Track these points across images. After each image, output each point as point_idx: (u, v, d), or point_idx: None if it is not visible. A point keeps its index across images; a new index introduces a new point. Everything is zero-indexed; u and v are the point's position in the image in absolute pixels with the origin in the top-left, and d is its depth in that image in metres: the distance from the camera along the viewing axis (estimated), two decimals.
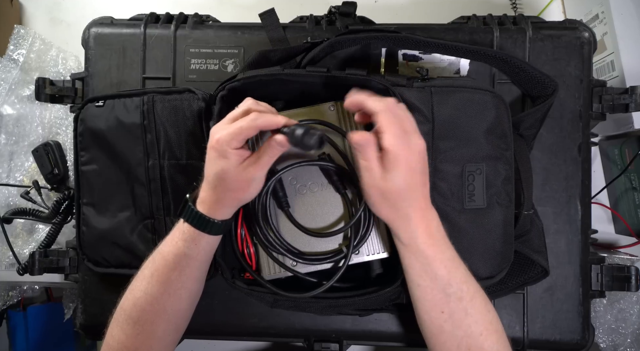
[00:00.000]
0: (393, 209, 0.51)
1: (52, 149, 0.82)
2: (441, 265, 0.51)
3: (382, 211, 0.52)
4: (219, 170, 0.51)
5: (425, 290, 0.52)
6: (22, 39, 0.89)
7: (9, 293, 0.88)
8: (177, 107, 0.63)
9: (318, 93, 0.62)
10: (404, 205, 0.51)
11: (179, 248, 0.54)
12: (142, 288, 0.55)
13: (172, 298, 0.55)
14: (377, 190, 0.50)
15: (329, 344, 0.68)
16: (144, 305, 0.55)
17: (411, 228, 0.51)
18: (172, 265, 0.55)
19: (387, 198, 0.50)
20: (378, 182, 0.50)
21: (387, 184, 0.49)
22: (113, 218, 0.66)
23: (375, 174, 0.50)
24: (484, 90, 0.57)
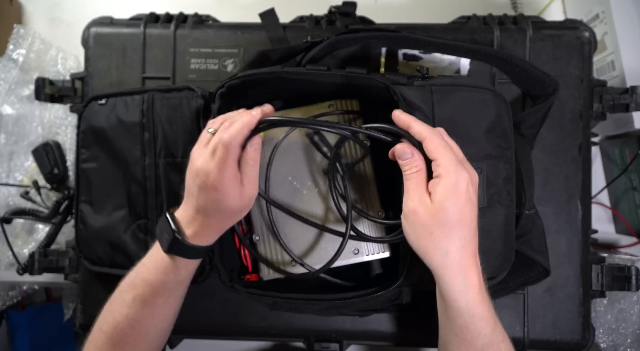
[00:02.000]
0: (439, 249, 0.44)
1: (51, 149, 0.82)
2: (487, 324, 0.46)
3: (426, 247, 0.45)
4: (214, 199, 0.49)
5: (462, 343, 0.47)
6: (21, 38, 0.89)
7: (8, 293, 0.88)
8: (176, 105, 0.63)
9: (318, 92, 0.62)
10: (453, 245, 0.44)
11: (168, 276, 0.52)
12: (124, 312, 0.53)
13: (157, 320, 0.54)
14: (421, 220, 0.44)
15: (329, 344, 0.68)
16: (126, 329, 0.53)
17: (462, 279, 0.45)
18: (159, 292, 0.53)
19: (432, 232, 0.44)
20: (423, 210, 0.44)
21: (435, 215, 0.44)
22: (108, 217, 0.65)
23: (422, 199, 0.45)
24: (485, 89, 0.57)
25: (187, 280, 0.55)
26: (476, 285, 0.46)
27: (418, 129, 0.46)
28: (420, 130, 0.46)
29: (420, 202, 0.44)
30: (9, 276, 0.82)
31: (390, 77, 0.58)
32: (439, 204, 0.44)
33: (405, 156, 0.46)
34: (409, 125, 0.47)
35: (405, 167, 0.47)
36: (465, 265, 0.45)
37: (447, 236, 0.44)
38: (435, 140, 0.45)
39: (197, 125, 0.61)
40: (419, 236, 0.45)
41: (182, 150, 0.62)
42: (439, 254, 0.45)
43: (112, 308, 0.54)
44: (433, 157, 0.45)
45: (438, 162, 0.45)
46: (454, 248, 0.44)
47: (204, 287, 0.62)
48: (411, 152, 0.46)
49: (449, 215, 0.44)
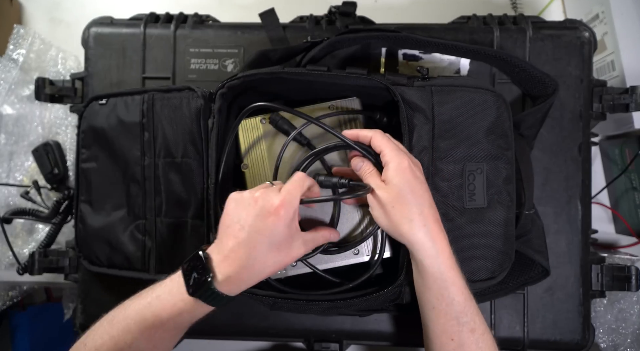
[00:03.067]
0: (404, 217, 0.50)
1: (51, 149, 0.82)
2: (459, 291, 0.51)
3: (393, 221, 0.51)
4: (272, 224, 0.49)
5: (439, 314, 0.51)
6: (21, 38, 0.89)
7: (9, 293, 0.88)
8: (176, 105, 0.63)
9: (318, 92, 0.62)
10: (414, 212, 0.50)
11: (183, 317, 0.50)
12: (127, 340, 0.49)
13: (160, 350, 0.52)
14: (383, 201, 0.51)
15: (329, 344, 0.68)
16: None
17: (432, 243, 0.50)
18: (169, 330, 0.50)
19: (394, 206, 0.51)
20: (382, 193, 0.51)
21: (391, 192, 0.51)
22: (107, 217, 0.65)
23: (379, 187, 0.52)
24: (485, 90, 0.57)
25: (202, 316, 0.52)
26: (446, 250, 0.51)
27: (364, 133, 0.54)
28: (365, 133, 0.54)
29: (378, 189, 0.52)
30: (9, 276, 0.82)
31: (391, 78, 0.59)
32: (391, 183, 0.51)
33: (358, 165, 0.55)
34: (355, 135, 0.55)
35: (361, 173, 0.55)
36: (431, 228, 0.51)
37: (406, 205, 0.50)
38: (378, 136, 0.53)
39: (197, 125, 0.61)
40: (385, 215, 0.52)
41: (182, 150, 0.62)
42: (406, 223, 0.50)
43: (113, 331, 0.50)
44: (379, 150, 0.53)
45: (383, 152, 0.52)
46: (415, 214, 0.50)
47: None
48: (362, 160, 0.55)
49: (402, 189, 0.51)
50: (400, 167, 0.51)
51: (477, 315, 0.51)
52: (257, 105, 0.57)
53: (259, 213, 0.49)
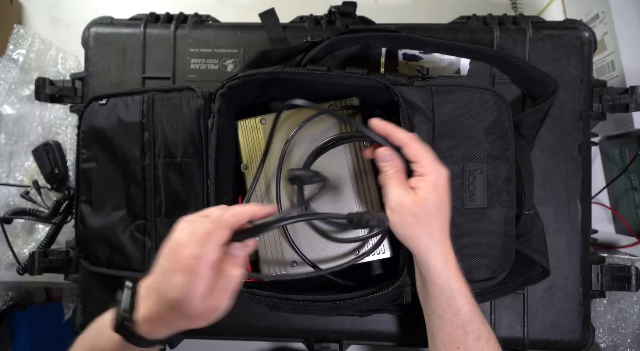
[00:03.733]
0: (425, 232, 0.51)
1: (52, 149, 0.82)
2: (465, 300, 0.51)
3: (413, 233, 0.51)
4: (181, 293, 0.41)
5: (445, 323, 0.52)
6: (21, 38, 0.89)
7: (9, 293, 0.88)
8: (176, 105, 0.63)
9: (318, 93, 0.62)
10: (436, 228, 0.51)
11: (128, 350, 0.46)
12: None
13: None
14: (409, 210, 0.50)
15: (329, 344, 0.68)
16: None
17: (444, 257, 0.51)
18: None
19: (419, 219, 0.50)
20: (410, 202, 0.50)
21: (421, 204, 0.50)
22: (107, 217, 0.65)
23: (407, 193, 0.51)
24: (485, 90, 0.57)
25: None
26: (454, 263, 0.52)
27: (398, 136, 0.52)
28: (400, 137, 0.52)
29: (406, 196, 0.51)
30: (9, 276, 0.82)
31: (391, 78, 0.59)
32: (424, 196, 0.50)
33: (386, 158, 0.53)
34: (388, 132, 0.53)
35: (386, 167, 0.53)
36: (445, 244, 0.52)
37: (432, 220, 0.51)
38: (414, 144, 0.52)
39: (197, 125, 0.61)
40: (407, 224, 0.51)
41: (182, 150, 0.62)
42: (426, 236, 0.51)
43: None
44: (415, 159, 0.52)
45: (421, 163, 0.51)
46: (436, 230, 0.51)
47: None
48: (391, 154, 0.53)
49: (432, 204, 0.51)
50: (439, 182, 0.51)
51: (482, 323, 0.52)
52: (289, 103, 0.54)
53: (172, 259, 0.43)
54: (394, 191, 0.51)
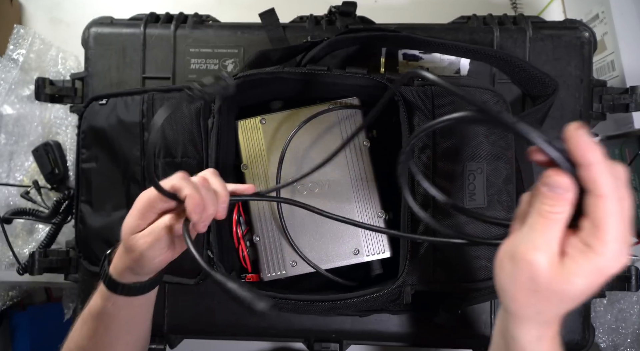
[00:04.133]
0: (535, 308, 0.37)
1: (52, 149, 0.82)
2: None
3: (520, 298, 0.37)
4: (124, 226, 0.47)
5: None
6: (21, 38, 0.89)
7: (9, 293, 0.88)
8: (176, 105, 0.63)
9: (318, 92, 0.63)
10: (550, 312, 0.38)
11: (98, 305, 0.50)
12: (75, 339, 0.52)
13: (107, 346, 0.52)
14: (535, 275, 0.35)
15: (328, 344, 0.68)
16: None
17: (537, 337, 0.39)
18: (96, 321, 0.51)
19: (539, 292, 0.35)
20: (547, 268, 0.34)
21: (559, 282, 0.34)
22: (107, 217, 0.65)
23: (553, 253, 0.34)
24: (485, 89, 0.57)
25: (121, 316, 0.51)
26: (550, 337, 0.40)
27: (596, 178, 0.33)
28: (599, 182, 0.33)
29: (546, 258, 0.34)
30: (9, 276, 0.82)
31: (391, 77, 0.59)
32: (571, 276, 0.34)
33: (557, 191, 0.34)
34: (588, 163, 0.33)
35: (547, 200, 0.35)
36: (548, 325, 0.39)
37: (553, 305, 0.37)
38: (611, 206, 0.33)
39: (197, 125, 0.61)
40: (518, 284, 0.36)
41: (182, 150, 0.62)
42: (531, 311, 0.37)
43: (71, 333, 0.53)
44: (597, 222, 0.33)
45: (601, 234, 0.33)
46: (549, 315, 0.38)
47: (204, 287, 0.62)
48: (566, 190, 0.34)
49: (571, 292, 0.35)
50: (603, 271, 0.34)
51: None
52: None
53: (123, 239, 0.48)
54: (534, 238, 0.35)
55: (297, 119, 0.61)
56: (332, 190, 0.61)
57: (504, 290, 0.38)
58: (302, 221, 0.61)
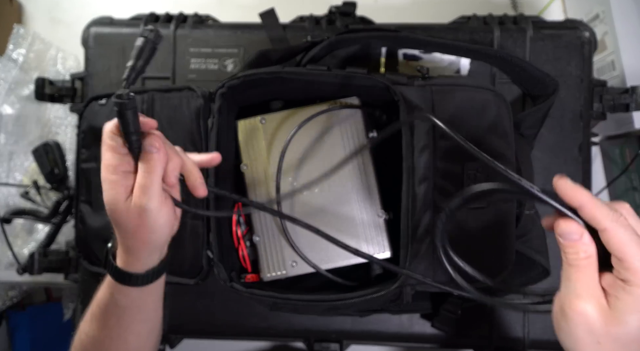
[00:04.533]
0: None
1: (51, 149, 0.82)
2: None
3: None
4: (107, 207, 0.45)
5: None
6: (21, 38, 0.89)
7: (8, 293, 0.88)
8: (176, 105, 0.63)
9: (318, 92, 0.62)
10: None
11: (108, 298, 0.50)
12: (85, 330, 0.52)
13: (117, 342, 0.51)
14: (591, 325, 0.36)
15: (328, 344, 0.68)
16: (88, 347, 0.52)
17: None
18: (106, 314, 0.50)
19: (601, 343, 0.35)
20: (597, 315, 0.35)
21: (613, 326, 0.35)
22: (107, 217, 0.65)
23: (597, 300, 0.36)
24: (485, 89, 0.57)
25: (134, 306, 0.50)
26: None
27: (593, 214, 0.35)
28: (596, 216, 0.35)
29: (594, 303, 0.36)
30: (9, 276, 0.82)
31: (391, 77, 0.58)
32: (622, 316, 0.35)
33: (571, 237, 0.36)
34: (580, 204, 0.36)
35: (568, 248, 0.37)
36: None
37: None
38: (620, 234, 0.35)
39: (197, 126, 0.61)
40: (578, 340, 0.36)
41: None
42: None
43: (81, 324, 0.53)
44: (619, 255, 0.35)
45: (627, 264, 0.34)
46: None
47: (204, 287, 0.62)
48: (580, 234, 0.36)
49: (630, 332, 0.35)
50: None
51: None
52: None
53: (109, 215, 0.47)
54: (575, 288, 0.36)
55: (297, 119, 0.61)
56: (332, 189, 0.61)
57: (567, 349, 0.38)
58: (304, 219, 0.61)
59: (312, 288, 0.63)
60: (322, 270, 0.60)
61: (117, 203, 0.44)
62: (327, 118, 0.61)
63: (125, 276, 0.48)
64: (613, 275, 0.36)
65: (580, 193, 0.36)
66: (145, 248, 0.47)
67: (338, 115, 0.62)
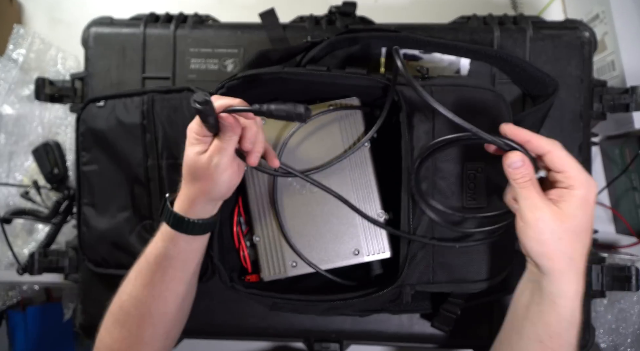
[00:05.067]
0: (565, 254, 0.46)
1: (51, 149, 0.82)
2: (577, 335, 0.48)
3: (551, 252, 0.46)
4: (186, 160, 0.51)
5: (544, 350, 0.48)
6: (21, 38, 0.89)
7: (8, 293, 0.88)
8: (176, 106, 0.63)
9: (318, 92, 0.62)
10: (577, 251, 0.46)
11: (159, 249, 0.53)
12: (128, 291, 0.54)
13: (157, 301, 0.54)
14: (550, 226, 0.45)
15: (329, 344, 0.68)
16: (129, 308, 0.54)
17: (576, 286, 0.46)
18: (153, 267, 0.53)
19: (561, 238, 0.45)
20: (551, 216, 0.45)
21: (566, 221, 0.45)
22: (112, 219, 0.65)
23: (548, 206, 0.46)
24: (485, 89, 0.57)
25: (181, 257, 0.54)
26: (582, 293, 0.47)
27: (539, 143, 0.47)
28: (541, 144, 0.47)
29: (546, 209, 0.45)
30: (9, 276, 0.82)
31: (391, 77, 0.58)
32: (572, 212, 0.45)
33: (516, 164, 0.47)
34: (527, 139, 0.47)
35: (516, 175, 0.47)
36: (582, 272, 0.47)
37: (575, 242, 0.46)
38: (559, 152, 0.46)
39: None
40: (544, 242, 0.46)
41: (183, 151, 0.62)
42: (564, 259, 0.46)
43: (120, 289, 0.55)
44: (560, 169, 0.46)
45: (567, 174, 0.46)
46: (577, 254, 0.46)
47: (204, 287, 0.62)
48: (522, 160, 0.47)
49: (581, 223, 0.45)
50: (588, 198, 0.45)
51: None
52: None
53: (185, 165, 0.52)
54: (530, 202, 0.46)
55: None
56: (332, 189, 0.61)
57: (537, 254, 0.46)
58: (303, 221, 0.61)
59: (312, 288, 0.63)
60: (322, 270, 0.60)
61: (195, 155, 0.50)
62: (327, 119, 0.61)
63: (180, 221, 0.52)
64: (555, 188, 0.47)
65: (525, 131, 0.47)
66: (203, 197, 0.52)
67: (338, 116, 0.62)
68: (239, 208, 0.62)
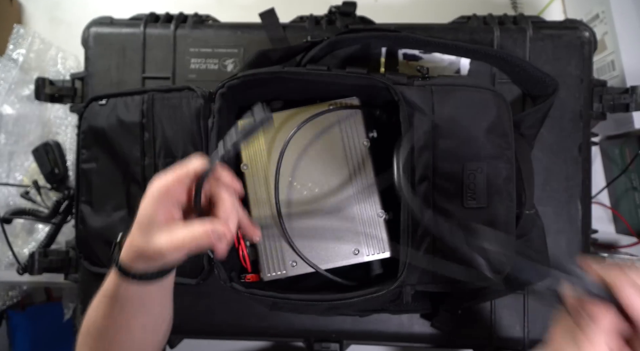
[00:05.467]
0: None
1: (51, 149, 0.82)
2: None
3: None
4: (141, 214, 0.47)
5: None
6: (21, 38, 0.89)
7: (8, 293, 0.88)
8: (176, 105, 0.63)
9: (318, 92, 0.62)
10: None
11: (112, 289, 0.49)
12: (92, 317, 0.52)
13: (120, 332, 0.51)
14: None
15: (329, 344, 0.68)
16: (95, 334, 0.51)
17: None
18: (111, 302, 0.50)
19: None
20: None
21: None
22: (107, 218, 0.65)
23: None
24: (485, 89, 0.57)
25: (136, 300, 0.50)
26: None
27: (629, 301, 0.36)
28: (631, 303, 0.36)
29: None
30: (9, 276, 0.82)
31: (391, 77, 0.59)
32: None
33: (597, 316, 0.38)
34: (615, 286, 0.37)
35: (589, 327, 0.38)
36: None
37: None
38: None
39: (197, 125, 0.61)
40: None
41: (182, 150, 0.62)
42: None
43: (88, 311, 0.53)
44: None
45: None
46: None
47: (204, 287, 0.62)
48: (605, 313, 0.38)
49: None
50: None
51: None
52: None
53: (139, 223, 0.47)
54: None
55: (297, 119, 0.61)
56: (332, 189, 0.61)
57: None
58: (302, 221, 0.61)
59: (312, 288, 0.63)
60: (321, 270, 0.60)
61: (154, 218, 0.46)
62: (327, 119, 0.61)
63: (127, 273, 0.47)
64: None
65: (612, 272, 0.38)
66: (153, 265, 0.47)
67: (338, 116, 0.62)
68: None
